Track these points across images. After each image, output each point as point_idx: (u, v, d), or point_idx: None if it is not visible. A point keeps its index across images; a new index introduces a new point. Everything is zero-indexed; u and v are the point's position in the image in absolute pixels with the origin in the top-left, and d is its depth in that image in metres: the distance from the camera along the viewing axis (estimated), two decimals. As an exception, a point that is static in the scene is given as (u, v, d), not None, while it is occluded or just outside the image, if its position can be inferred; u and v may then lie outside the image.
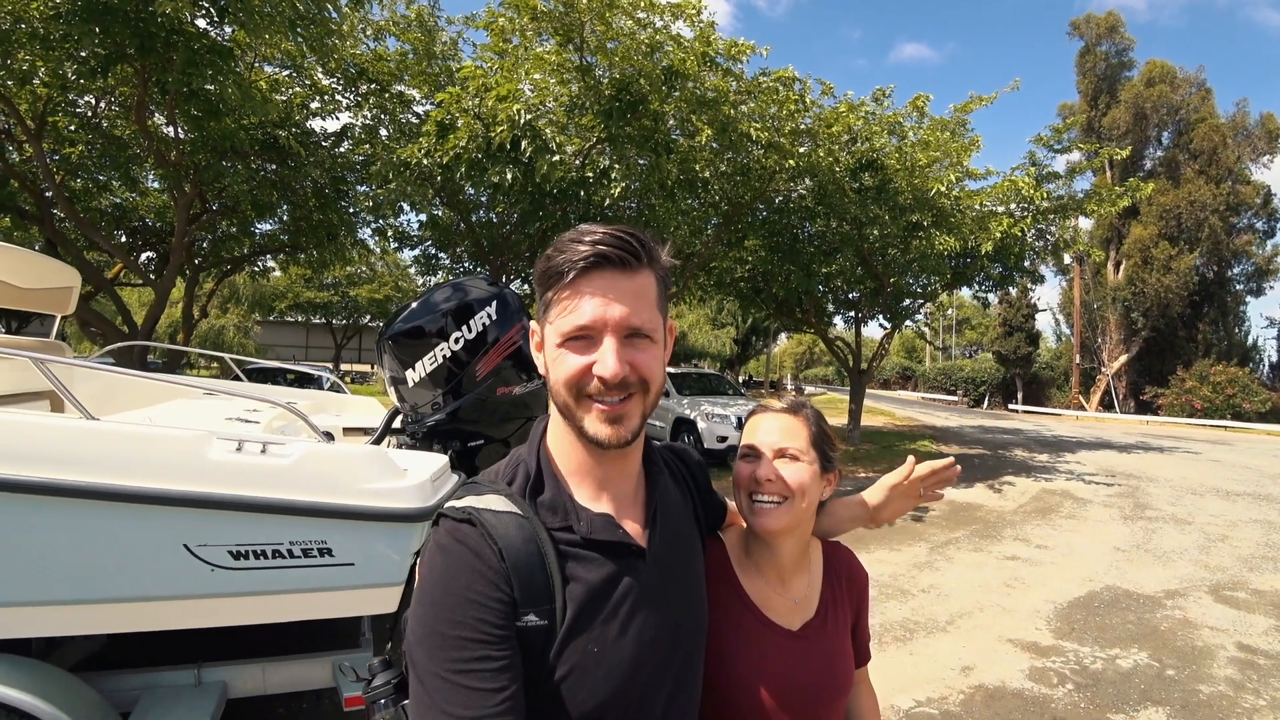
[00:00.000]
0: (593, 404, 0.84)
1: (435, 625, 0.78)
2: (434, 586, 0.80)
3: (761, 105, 9.17)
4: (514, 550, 0.82)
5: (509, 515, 0.85)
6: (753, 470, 1.10)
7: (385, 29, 9.93)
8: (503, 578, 0.80)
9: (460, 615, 0.77)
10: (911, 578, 5.91)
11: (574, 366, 0.83)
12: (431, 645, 0.77)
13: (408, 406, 2.61)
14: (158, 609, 2.11)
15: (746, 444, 1.13)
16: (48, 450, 1.98)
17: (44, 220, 10.43)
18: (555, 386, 0.87)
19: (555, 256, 0.84)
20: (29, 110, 8.60)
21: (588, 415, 0.85)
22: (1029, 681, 3.98)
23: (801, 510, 1.10)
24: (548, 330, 0.87)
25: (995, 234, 11.78)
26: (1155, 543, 7.35)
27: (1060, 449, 16.53)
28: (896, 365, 55.44)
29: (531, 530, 0.84)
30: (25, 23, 6.49)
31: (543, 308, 0.87)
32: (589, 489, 0.92)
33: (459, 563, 0.80)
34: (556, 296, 0.84)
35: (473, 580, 0.79)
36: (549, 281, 0.85)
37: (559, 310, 0.84)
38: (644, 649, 0.88)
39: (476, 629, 0.77)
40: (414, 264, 14.80)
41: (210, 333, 32.15)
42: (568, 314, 0.83)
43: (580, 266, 0.81)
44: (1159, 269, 29.07)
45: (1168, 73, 31.30)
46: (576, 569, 0.85)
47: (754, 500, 1.09)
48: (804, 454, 1.11)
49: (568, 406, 0.86)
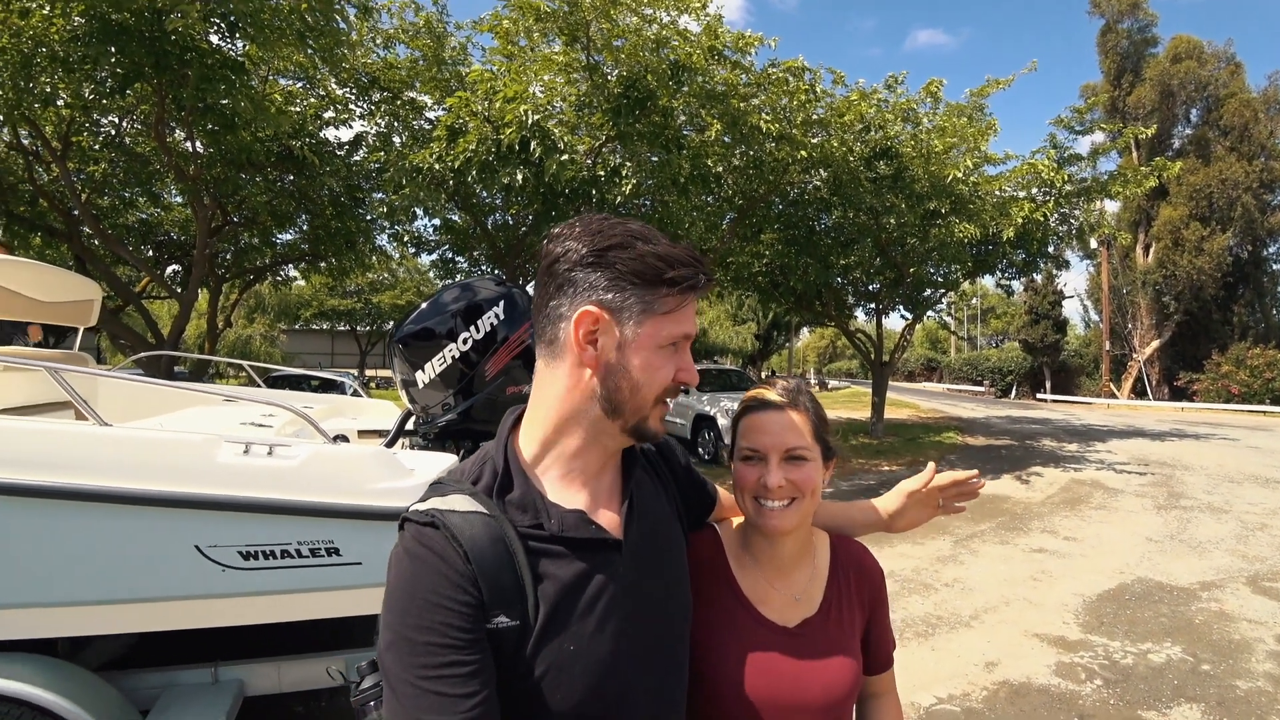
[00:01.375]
0: (662, 406, 0.89)
1: (403, 631, 0.77)
2: (400, 592, 0.79)
3: (772, 97, 9.09)
4: (480, 551, 0.80)
5: (475, 515, 0.83)
6: (759, 476, 1.04)
7: (395, 37, 10.02)
8: (469, 580, 0.78)
9: (427, 620, 0.76)
10: (935, 571, 5.82)
11: (670, 374, 0.87)
12: (400, 652, 0.76)
13: (419, 408, 2.63)
14: (172, 609, 2.15)
15: (748, 445, 1.07)
16: (64, 456, 2.04)
17: (72, 237, 10.72)
18: (642, 385, 0.86)
19: (675, 268, 0.84)
20: (54, 131, 8.85)
21: (655, 414, 0.89)
22: (1056, 677, 3.87)
23: (810, 507, 1.07)
24: (644, 327, 0.85)
25: (1017, 219, 11.56)
26: (1190, 532, 7.15)
27: (1090, 438, 16.18)
28: (920, 357, 54.73)
29: (499, 529, 0.83)
30: (46, 46, 6.68)
31: (635, 301, 0.85)
32: (561, 485, 0.90)
33: (423, 567, 0.79)
34: (666, 297, 0.85)
35: (438, 584, 0.78)
36: (656, 286, 0.85)
37: (670, 314, 0.86)
38: (623, 645, 0.86)
39: (444, 634, 0.76)
40: (432, 268, 14.96)
41: (238, 342, 32.81)
42: (677, 323, 0.86)
43: (700, 284, 0.87)
44: (1191, 250, 28.29)
45: (1194, 48, 30.44)
46: (548, 566, 0.83)
47: (762, 504, 1.05)
48: (810, 450, 1.06)
49: (639, 406, 0.87)
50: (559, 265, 0.85)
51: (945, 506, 1.22)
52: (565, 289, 0.85)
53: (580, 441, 0.89)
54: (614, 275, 0.84)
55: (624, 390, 0.86)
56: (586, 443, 0.89)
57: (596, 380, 0.86)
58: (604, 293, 0.84)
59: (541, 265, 0.89)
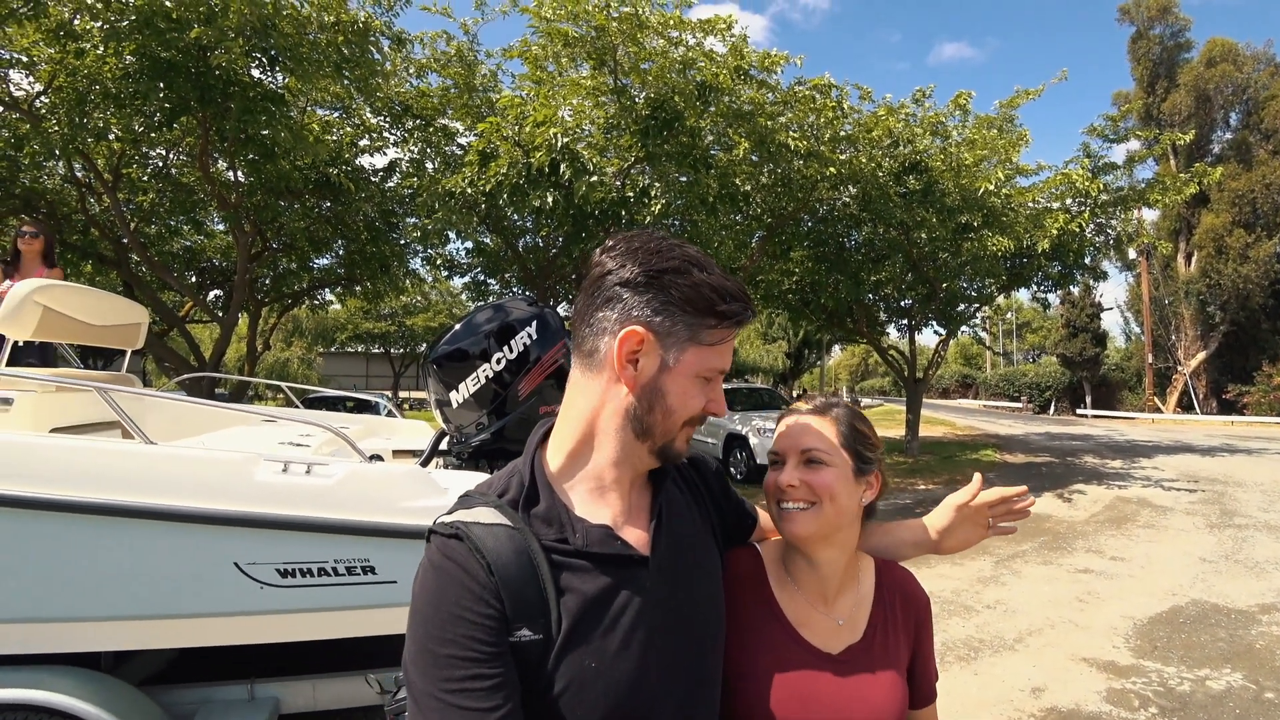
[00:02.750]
0: (687, 431, 0.90)
1: (426, 644, 0.77)
2: (424, 604, 0.79)
3: (799, 115, 9.10)
4: (503, 563, 0.80)
5: (500, 528, 0.83)
6: (777, 476, 1.05)
7: (427, 66, 10.29)
8: (492, 593, 0.78)
9: (450, 633, 0.76)
10: (976, 593, 5.64)
11: (701, 404, 0.88)
12: (424, 664, 0.76)
13: (453, 428, 2.65)
14: (211, 625, 2.18)
15: (773, 450, 1.08)
16: (111, 473, 2.09)
17: (121, 264, 11.16)
18: (674, 410, 0.88)
19: (721, 301, 0.86)
20: (105, 164, 9.27)
21: (680, 438, 0.90)
22: (1107, 704, 3.71)
23: (832, 515, 1.03)
24: (686, 355, 0.86)
25: (1051, 231, 11.32)
26: (1246, 552, 6.83)
27: (1135, 454, 15.62)
28: (955, 373, 53.63)
29: (523, 542, 0.82)
30: (100, 84, 7.04)
31: (683, 328, 0.86)
32: (588, 500, 0.89)
33: (448, 579, 0.79)
34: (713, 329, 0.87)
35: (461, 596, 0.78)
36: (708, 316, 0.86)
37: (713, 346, 0.88)
38: (647, 663, 0.84)
39: (467, 647, 0.76)
40: (464, 291, 15.20)
41: (276, 364, 33.67)
42: (719, 357, 0.88)
43: (746, 319, 0.89)
44: (1235, 258, 27.38)
45: (1230, 50, 29.70)
46: (572, 580, 0.83)
47: (781, 507, 1.04)
48: (830, 455, 1.04)
49: (668, 430, 0.88)
50: (610, 279, 0.86)
51: (994, 527, 1.17)
52: (613, 304, 0.85)
53: (607, 457, 0.89)
54: (666, 300, 0.84)
55: (656, 414, 0.86)
56: (613, 459, 0.89)
57: (631, 399, 0.86)
58: (653, 315, 0.84)
59: (591, 275, 0.89)
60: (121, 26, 6.49)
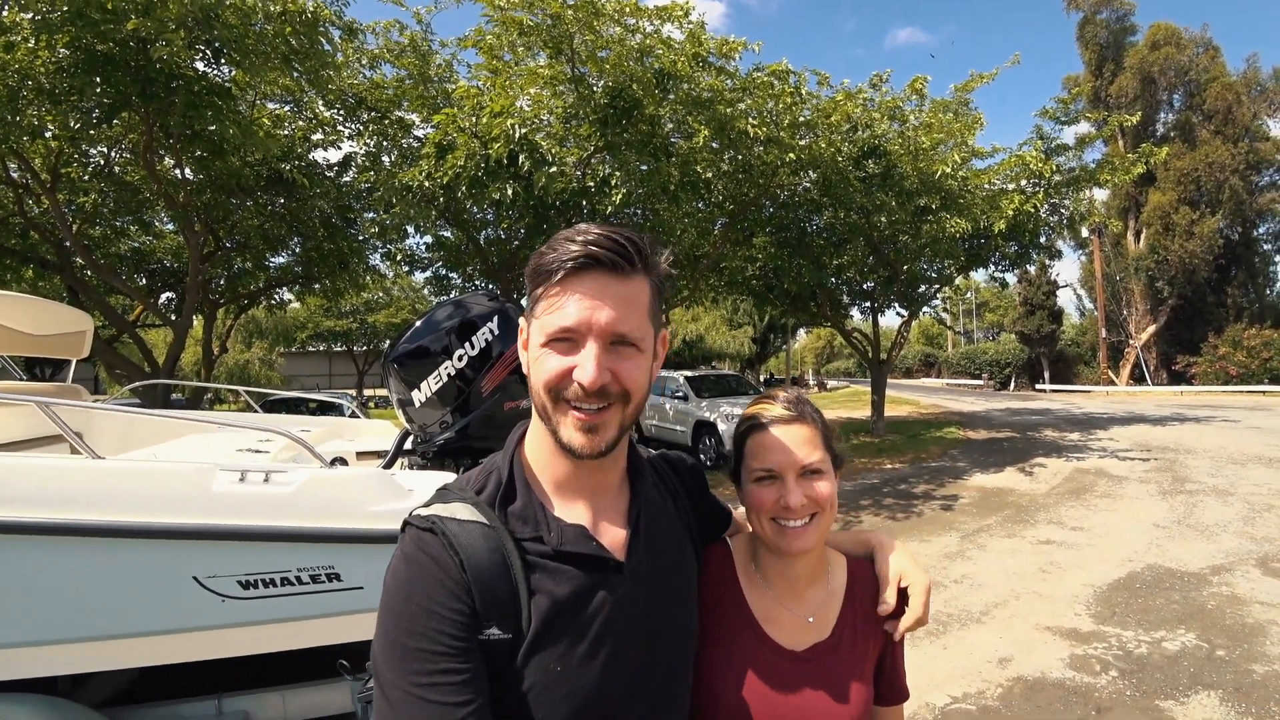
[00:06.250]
0: (570, 410, 0.81)
1: (397, 636, 0.76)
2: (396, 596, 0.79)
3: (758, 101, 9.11)
4: (476, 560, 0.79)
5: (474, 524, 0.82)
6: (778, 497, 0.99)
7: (380, 57, 10.02)
8: (464, 589, 0.78)
9: (421, 627, 0.76)
10: (943, 568, 5.79)
11: (554, 369, 0.80)
12: (394, 657, 0.76)
13: (417, 427, 2.61)
14: (172, 642, 2.12)
15: (761, 466, 1.00)
16: (57, 491, 2.01)
17: (65, 269, 10.67)
18: (534, 387, 0.84)
19: (547, 254, 0.81)
20: (43, 164, 8.82)
21: (564, 421, 0.82)
22: (1070, 670, 3.84)
23: (829, 521, 1.02)
24: (533, 327, 0.84)
25: (1007, 212, 11.60)
26: (1197, 517, 7.13)
27: (1092, 426, 16.17)
28: (918, 353, 54.74)
29: (497, 540, 0.82)
30: (32, 79, 6.67)
31: (530, 304, 0.84)
32: (564, 499, 0.88)
33: (421, 572, 0.79)
34: (545, 294, 0.82)
35: (433, 590, 0.77)
36: (538, 279, 0.82)
37: (545, 308, 0.82)
38: (614, 668, 0.84)
39: (437, 641, 0.75)
40: (426, 286, 14.96)
41: (236, 367, 32.72)
42: (553, 313, 0.81)
43: (570, 266, 0.79)
44: (1181, 235, 28.41)
45: (1173, 34, 30.68)
46: (543, 581, 0.82)
47: (783, 524, 0.99)
48: (825, 463, 1.01)
49: (545, 409, 0.84)
50: None
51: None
52: None
53: (548, 452, 0.88)
54: (528, 278, 0.85)
55: (530, 392, 0.85)
56: (550, 451, 0.87)
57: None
58: (528, 298, 0.86)
59: None
60: (53, 18, 6.14)
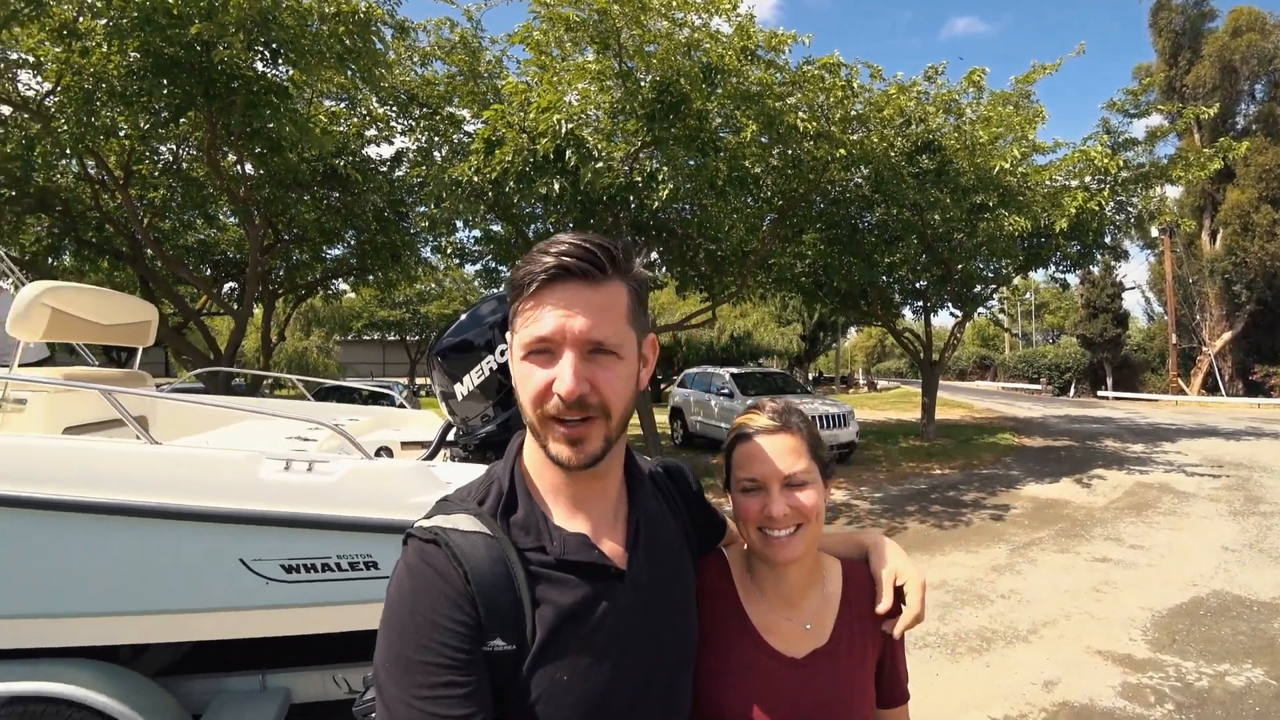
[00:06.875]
0: (553, 424, 0.81)
1: (400, 649, 0.76)
2: (400, 609, 0.79)
3: (808, 95, 8.94)
4: (480, 572, 0.79)
5: (477, 535, 0.82)
6: (763, 506, 1.00)
7: (431, 54, 10.23)
8: (467, 600, 0.78)
9: (424, 639, 0.76)
10: (990, 582, 5.59)
11: (537, 385, 0.80)
12: (397, 670, 0.76)
13: (459, 419, 2.66)
14: (219, 619, 2.23)
15: (747, 476, 1.02)
16: (118, 474, 2.13)
17: (137, 260, 11.30)
18: (521, 404, 0.83)
19: (522, 268, 0.81)
20: (116, 161, 9.34)
21: (550, 434, 0.82)
22: (1122, 699, 3.64)
23: (817, 531, 1.03)
24: (514, 342, 0.84)
25: (1070, 210, 11.08)
26: (1271, 541, 6.69)
27: (1157, 438, 15.39)
28: (973, 355, 53.06)
29: (500, 551, 0.82)
30: (106, 82, 7.12)
31: (510, 320, 0.84)
32: (565, 508, 0.88)
33: (424, 584, 0.79)
34: (521, 308, 0.81)
35: (437, 602, 0.77)
36: (515, 293, 0.82)
37: (521, 321, 0.81)
38: (620, 676, 0.84)
39: (440, 653, 0.75)
40: (477, 278, 15.23)
41: (295, 354, 34.00)
42: (529, 325, 0.80)
43: (542, 278, 0.79)
44: (1262, 235, 26.67)
45: (1257, 19, 28.71)
46: (548, 591, 0.82)
47: (768, 534, 1.01)
48: (809, 473, 1.02)
49: (533, 425, 0.83)
50: None
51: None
52: None
53: (544, 463, 0.87)
54: (509, 295, 0.84)
55: (519, 407, 0.84)
56: (547, 464, 0.86)
57: None
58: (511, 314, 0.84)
59: None
60: (123, 24, 6.51)
